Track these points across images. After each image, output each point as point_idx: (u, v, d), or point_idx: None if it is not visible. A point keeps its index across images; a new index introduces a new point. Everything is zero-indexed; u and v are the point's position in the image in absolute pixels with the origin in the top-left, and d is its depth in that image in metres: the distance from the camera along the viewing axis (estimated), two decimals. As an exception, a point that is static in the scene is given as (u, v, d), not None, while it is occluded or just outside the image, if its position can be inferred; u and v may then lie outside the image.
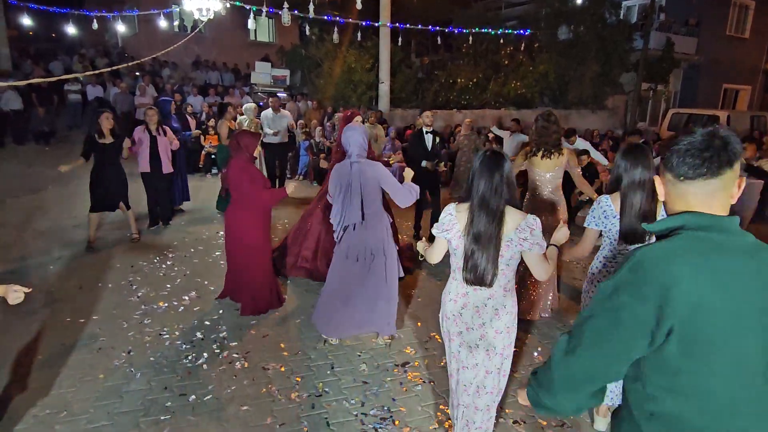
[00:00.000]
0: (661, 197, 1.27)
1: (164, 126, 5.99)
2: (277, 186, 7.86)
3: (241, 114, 7.91)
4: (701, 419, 1.09)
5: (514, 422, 2.80)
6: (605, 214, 2.53)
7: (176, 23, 17.33)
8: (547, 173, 3.92)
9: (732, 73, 17.83)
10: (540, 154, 3.89)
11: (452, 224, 2.12)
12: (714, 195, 1.15)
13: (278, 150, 7.90)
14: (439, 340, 3.67)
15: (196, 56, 18.77)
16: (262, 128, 7.53)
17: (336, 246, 3.48)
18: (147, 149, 5.79)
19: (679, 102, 17.21)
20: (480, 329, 2.13)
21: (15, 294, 2.10)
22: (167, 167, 5.99)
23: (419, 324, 3.95)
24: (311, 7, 6.16)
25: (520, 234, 2.03)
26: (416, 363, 3.38)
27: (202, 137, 9.47)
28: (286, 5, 6.39)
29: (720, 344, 1.06)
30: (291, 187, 3.95)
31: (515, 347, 2.38)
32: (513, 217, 2.05)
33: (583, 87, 14.30)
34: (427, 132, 5.71)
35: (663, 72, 15.40)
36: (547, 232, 3.16)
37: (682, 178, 1.16)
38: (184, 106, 8.67)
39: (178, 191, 6.89)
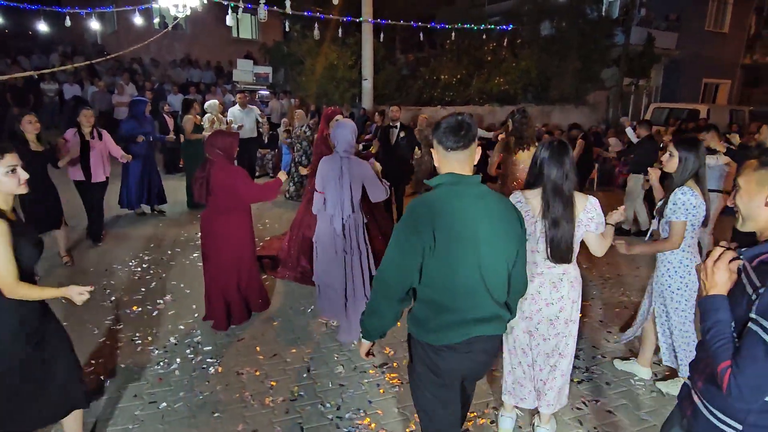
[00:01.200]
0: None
1: (100, 129, 5.39)
2: None
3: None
4: (443, 299, 1.75)
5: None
6: (693, 205, 2.64)
7: (156, 20, 17.02)
8: (522, 164, 4.24)
9: (712, 68, 18.07)
10: (520, 146, 4.26)
11: (524, 210, 2.28)
12: (464, 161, 1.77)
13: (247, 146, 7.75)
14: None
15: (176, 54, 18.48)
16: (227, 124, 7.49)
17: (314, 236, 3.64)
18: (78, 155, 5.11)
19: (661, 97, 17.40)
20: (559, 302, 2.36)
21: (80, 296, 2.05)
22: (98, 175, 5.30)
23: (398, 323, 3.90)
24: (288, 2, 6.05)
25: (588, 214, 2.29)
26: (395, 364, 3.34)
27: (181, 137, 9.31)
28: (262, 0, 6.27)
29: (454, 252, 1.69)
30: (284, 175, 3.77)
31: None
32: (579, 200, 2.29)
33: (564, 83, 14.36)
34: (392, 126, 5.82)
35: (644, 67, 15.53)
36: None
37: (448, 149, 1.74)
38: (161, 105, 8.50)
39: (153, 194, 6.72)
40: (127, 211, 6.71)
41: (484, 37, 13.91)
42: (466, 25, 12.78)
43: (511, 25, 13.93)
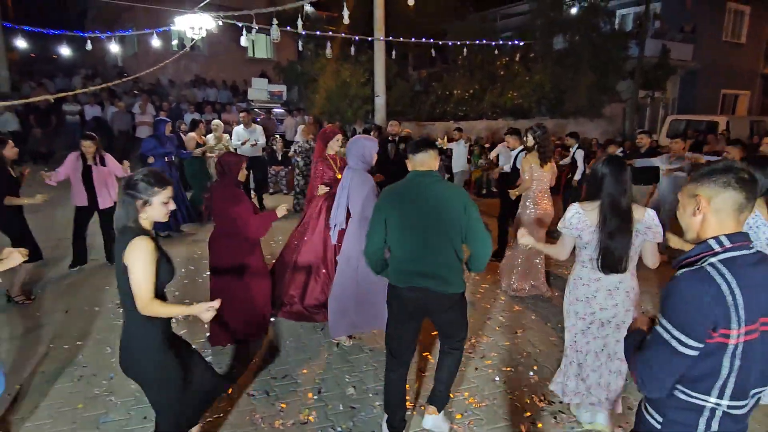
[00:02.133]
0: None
1: (103, 154, 5.26)
2: (255, 200, 7.88)
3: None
4: (399, 254, 2.45)
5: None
6: (758, 225, 2.74)
7: (174, 42, 17.52)
8: (545, 177, 4.63)
9: (730, 79, 17.80)
10: (545, 160, 4.60)
11: (583, 222, 2.46)
12: (424, 162, 2.45)
13: (252, 164, 7.64)
14: (432, 360, 3.56)
15: (194, 74, 18.90)
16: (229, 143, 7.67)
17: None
18: (80, 181, 5.09)
19: (678, 108, 17.15)
20: (613, 309, 2.54)
21: (207, 313, 2.10)
22: (105, 201, 5.24)
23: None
24: (300, 23, 6.15)
25: (645, 225, 2.42)
26: (407, 386, 3.26)
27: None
28: (275, 21, 6.40)
29: (404, 223, 2.40)
30: (282, 210, 3.60)
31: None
32: (638, 212, 2.43)
33: (579, 96, 14.28)
34: (390, 141, 5.88)
35: (660, 79, 15.38)
36: (545, 225, 4.62)
37: (412, 153, 2.46)
38: (177, 124, 8.67)
39: (181, 213, 6.84)
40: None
41: (497, 52, 13.95)
42: (477, 41, 12.85)
43: (522, 41, 13.95)
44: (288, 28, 7.95)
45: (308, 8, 13.95)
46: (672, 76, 16.24)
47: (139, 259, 1.94)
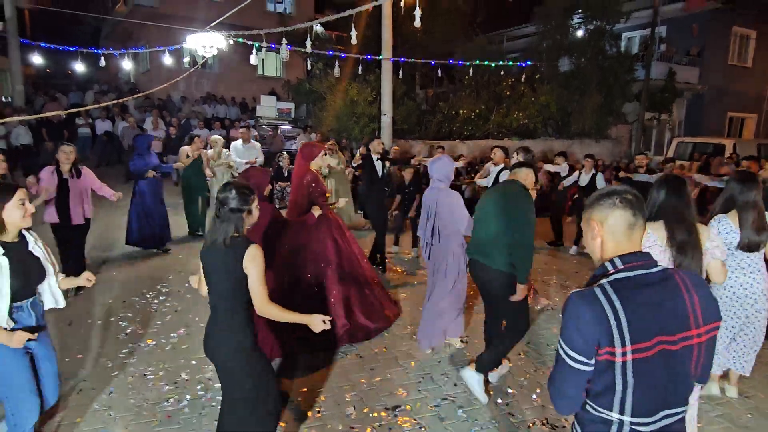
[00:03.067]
0: None
1: (80, 167, 4.97)
2: None
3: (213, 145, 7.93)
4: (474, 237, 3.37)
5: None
6: (727, 231, 2.97)
7: (186, 59, 17.88)
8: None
9: (737, 102, 17.81)
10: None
11: (650, 240, 2.47)
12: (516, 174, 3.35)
13: None
14: (434, 381, 3.52)
15: (204, 90, 19.23)
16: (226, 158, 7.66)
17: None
18: (54, 195, 4.72)
19: (684, 131, 17.15)
20: None
21: (322, 325, 2.20)
22: (78, 217, 4.91)
23: (413, 364, 3.80)
24: (308, 42, 6.27)
25: (712, 243, 2.51)
26: (407, 406, 3.22)
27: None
28: (284, 41, 6.52)
29: (477, 216, 3.38)
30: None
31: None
32: (703, 230, 2.50)
33: (585, 117, 14.34)
34: (377, 159, 5.99)
35: (666, 101, 15.43)
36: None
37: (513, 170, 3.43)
38: (185, 140, 8.78)
39: (157, 234, 6.55)
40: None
41: (502, 73, 14.08)
42: (484, 62, 12.99)
43: (529, 62, 14.08)
44: (298, 47, 8.09)
45: (318, 28, 14.25)
46: (678, 99, 16.29)
47: (259, 264, 2.14)
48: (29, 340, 2.28)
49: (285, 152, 10.47)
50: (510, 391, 3.44)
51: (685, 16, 16.24)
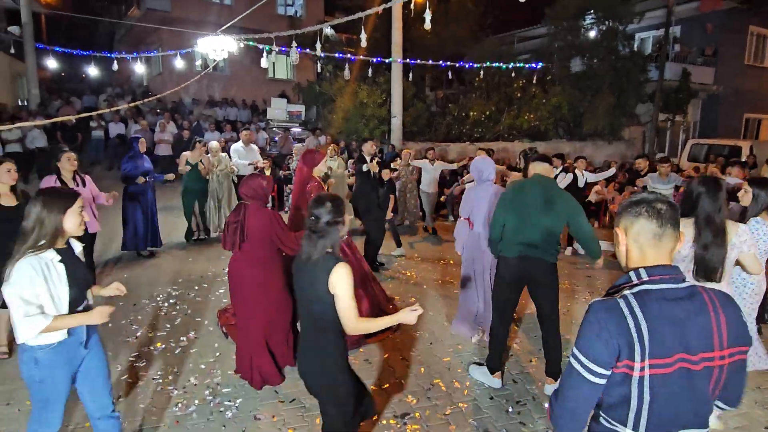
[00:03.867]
0: None
1: (83, 175, 4.86)
2: None
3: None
4: (509, 232, 3.32)
5: None
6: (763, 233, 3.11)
7: (198, 63, 18.04)
8: None
9: (753, 103, 17.50)
10: None
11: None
12: (544, 169, 3.42)
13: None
14: (444, 389, 3.47)
15: (216, 93, 19.37)
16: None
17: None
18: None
19: (699, 132, 16.89)
20: None
21: (413, 314, 2.09)
22: (93, 225, 4.77)
23: (422, 370, 3.76)
24: (318, 45, 6.26)
25: (740, 238, 2.66)
26: (416, 414, 3.18)
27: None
28: (294, 44, 6.53)
29: (513, 210, 3.30)
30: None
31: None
32: (731, 227, 2.66)
33: (597, 118, 14.17)
34: (370, 161, 6.34)
35: (680, 102, 15.20)
36: None
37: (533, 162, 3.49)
38: (193, 141, 8.80)
39: (149, 236, 6.48)
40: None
41: (513, 74, 13.98)
42: (494, 64, 12.91)
43: (540, 63, 13.96)
44: (307, 50, 8.11)
45: (328, 31, 14.28)
46: (693, 100, 16.04)
47: (349, 283, 2.04)
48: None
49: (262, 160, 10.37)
50: (521, 400, 3.38)
51: (699, 16, 15.99)
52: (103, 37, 25.03)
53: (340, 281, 2.02)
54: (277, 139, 13.53)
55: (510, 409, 3.25)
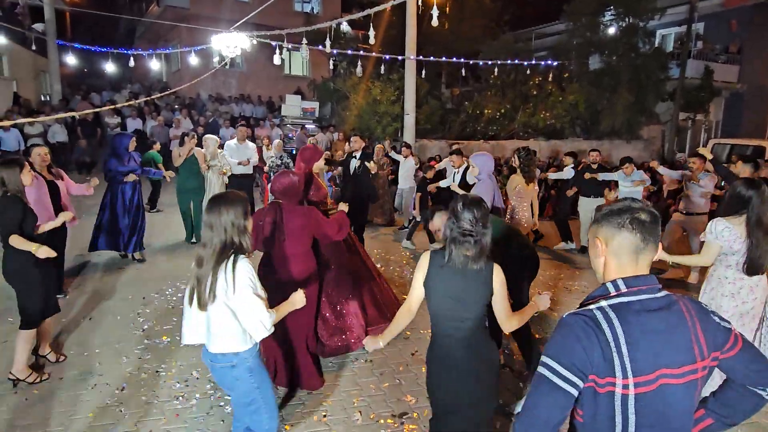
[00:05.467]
0: None
1: (58, 169, 4.75)
2: None
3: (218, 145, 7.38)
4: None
5: None
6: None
7: (216, 59, 18.25)
8: (529, 195, 5.19)
9: (779, 102, 16.96)
10: (528, 180, 5.13)
11: (734, 234, 2.93)
12: None
13: (243, 182, 7.21)
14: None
15: (232, 89, 19.57)
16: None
17: None
18: (47, 198, 4.24)
19: (722, 132, 16.45)
20: (753, 302, 3.06)
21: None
22: (73, 221, 4.51)
23: (423, 369, 3.73)
24: (328, 42, 6.27)
25: None
26: (415, 414, 3.17)
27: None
28: (304, 41, 6.55)
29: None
30: (345, 206, 3.65)
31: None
32: None
33: (615, 117, 13.90)
34: (354, 157, 6.28)
35: (702, 101, 14.81)
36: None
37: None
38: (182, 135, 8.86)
39: (133, 240, 6.04)
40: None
41: (528, 72, 13.81)
42: (508, 61, 12.76)
43: (557, 61, 13.76)
44: (320, 47, 8.12)
45: (345, 27, 14.28)
46: (716, 99, 15.62)
47: (504, 283, 2.15)
48: None
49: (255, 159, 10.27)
50: (518, 402, 3.34)
51: (724, 12, 15.56)
52: (124, 34, 25.46)
53: (500, 281, 2.12)
54: (291, 135, 13.61)
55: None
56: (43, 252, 3.17)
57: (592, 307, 1.25)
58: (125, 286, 5.32)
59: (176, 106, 15.74)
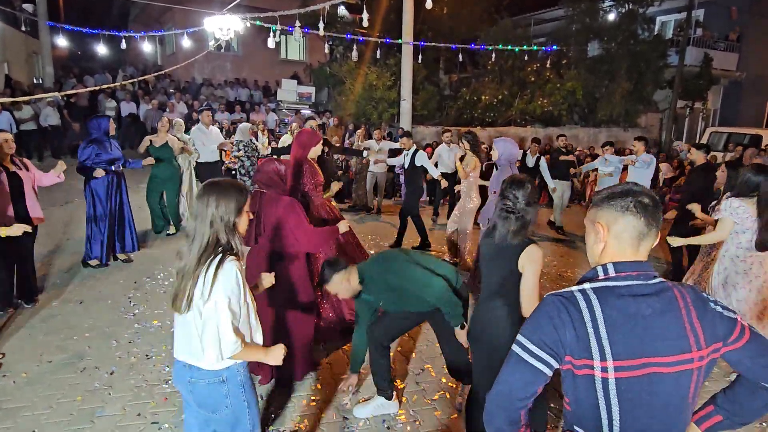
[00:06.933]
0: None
1: (22, 159, 4.27)
2: None
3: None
4: None
5: None
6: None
7: (211, 42, 18.00)
8: (475, 172, 5.62)
9: (777, 90, 16.91)
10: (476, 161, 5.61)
11: (747, 212, 3.26)
12: None
13: (207, 169, 6.81)
14: (433, 374, 3.46)
15: (228, 74, 19.34)
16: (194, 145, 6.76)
17: None
18: (6, 191, 3.87)
19: (719, 120, 16.41)
20: (764, 275, 3.36)
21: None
22: (37, 211, 4.19)
23: (414, 354, 3.75)
24: (321, 25, 6.17)
25: None
26: (404, 399, 3.18)
27: (222, 153, 9.56)
28: (298, 23, 6.43)
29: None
30: (345, 225, 3.36)
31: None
32: None
33: (613, 104, 13.83)
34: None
35: (700, 89, 14.75)
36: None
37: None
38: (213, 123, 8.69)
39: (125, 240, 5.51)
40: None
41: (526, 58, 13.68)
42: (507, 47, 12.63)
43: (554, 47, 13.62)
44: (313, 31, 8.00)
45: (342, 11, 14.07)
46: (714, 87, 15.56)
47: (540, 264, 2.21)
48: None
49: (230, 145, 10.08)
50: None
51: (724, -1, 15.42)
52: (118, 17, 25.06)
53: (531, 261, 2.17)
54: (288, 120, 13.51)
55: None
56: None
57: (573, 288, 1.23)
58: (116, 271, 5.29)
59: (171, 90, 15.56)
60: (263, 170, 3.08)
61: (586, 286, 1.22)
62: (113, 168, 5.17)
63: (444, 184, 6.15)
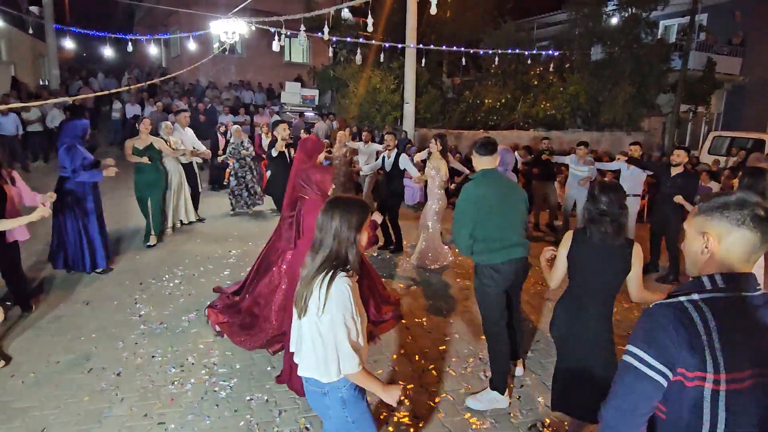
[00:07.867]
0: None
1: (10, 171, 4.04)
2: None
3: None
4: (490, 233, 2.97)
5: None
6: None
7: (216, 45, 18.09)
8: (443, 170, 5.73)
9: (781, 95, 16.86)
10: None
11: None
12: (490, 162, 3.09)
13: (186, 171, 6.97)
14: (436, 376, 3.49)
15: (232, 76, 19.44)
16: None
17: None
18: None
19: (722, 125, 16.37)
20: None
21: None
22: (23, 231, 4.03)
23: (417, 357, 3.78)
24: (326, 29, 6.22)
25: None
26: (407, 402, 3.21)
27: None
28: (302, 27, 6.49)
29: (489, 211, 2.96)
30: (377, 216, 3.20)
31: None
32: None
33: (616, 108, 13.83)
34: (288, 145, 6.38)
35: (703, 93, 14.72)
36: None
37: (481, 155, 3.09)
38: (218, 126, 8.80)
39: (92, 256, 5.12)
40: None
41: (529, 61, 13.70)
42: (509, 50, 12.66)
43: (558, 51, 13.63)
44: (319, 34, 8.06)
45: (346, 14, 14.14)
46: (717, 91, 15.52)
47: (642, 259, 2.45)
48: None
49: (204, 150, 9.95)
50: (514, 397, 3.38)
51: (727, 3, 15.40)
52: (123, 20, 25.22)
53: (639, 257, 2.40)
54: (291, 122, 13.57)
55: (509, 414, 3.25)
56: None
57: (682, 298, 1.19)
58: (123, 272, 5.34)
59: (175, 92, 15.65)
60: (306, 176, 3.13)
61: (695, 296, 1.19)
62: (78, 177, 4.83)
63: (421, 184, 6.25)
